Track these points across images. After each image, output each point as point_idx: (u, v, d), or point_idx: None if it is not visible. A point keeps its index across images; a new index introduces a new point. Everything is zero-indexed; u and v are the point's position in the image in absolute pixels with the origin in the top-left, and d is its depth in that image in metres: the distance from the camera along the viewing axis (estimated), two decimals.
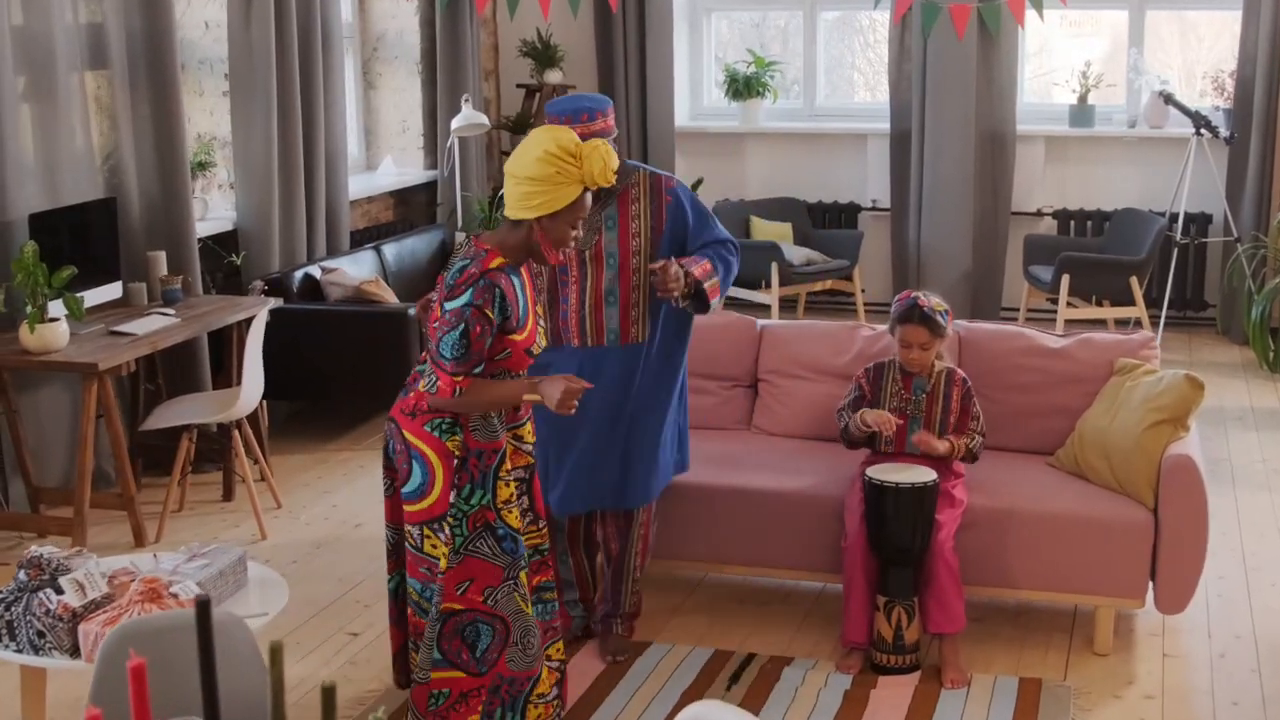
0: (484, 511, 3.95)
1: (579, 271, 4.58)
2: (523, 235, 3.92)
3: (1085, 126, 9.43)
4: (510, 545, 3.99)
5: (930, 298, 4.87)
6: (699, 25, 10.43)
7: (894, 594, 4.70)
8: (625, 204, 4.60)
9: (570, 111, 4.42)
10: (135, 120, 6.62)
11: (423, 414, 3.93)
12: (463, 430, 3.92)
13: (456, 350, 3.81)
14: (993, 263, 9.53)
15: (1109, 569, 4.81)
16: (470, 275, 3.85)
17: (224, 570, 4.09)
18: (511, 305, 3.88)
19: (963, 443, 4.85)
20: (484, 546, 3.96)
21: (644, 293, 4.61)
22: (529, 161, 3.84)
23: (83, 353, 5.65)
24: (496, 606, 3.98)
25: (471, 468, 3.93)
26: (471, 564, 3.96)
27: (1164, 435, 4.86)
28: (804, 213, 9.81)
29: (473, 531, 3.95)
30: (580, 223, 3.95)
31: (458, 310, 3.81)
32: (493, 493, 3.96)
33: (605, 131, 4.44)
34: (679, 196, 4.67)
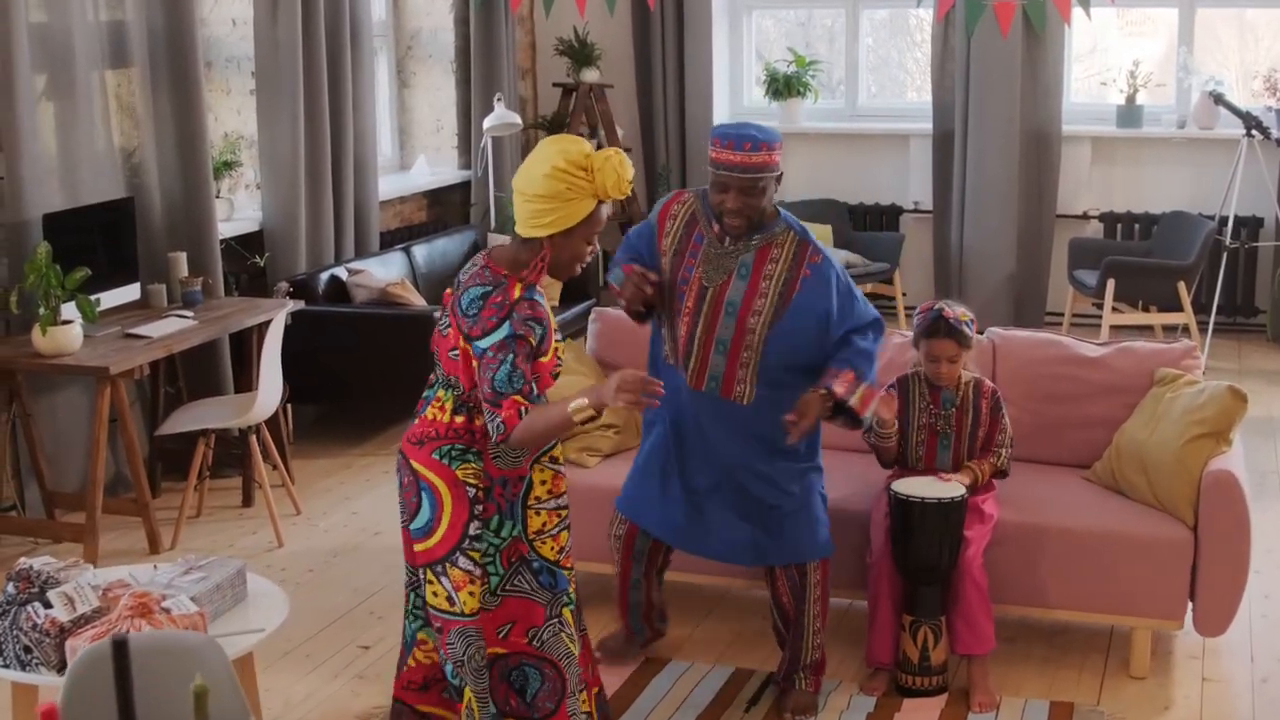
0: (516, 544, 3.76)
1: (695, 305, 4.28)
2: (535, 253, 3.66)
3: (1133, 127, 9.19)
4: (548, 579, 3.79)
5: (955, 307, 4.68)
6: (739, 23, 10.26)
7: (920, 613, 4.52)
8: (764, 260, 4.26)
9: (735, 137, 4.17)
10: (157, 119, 6.52)
11: (430, 441, 3.73)
12: (480, 458, 3.70)
13: (516, 381, 3.55)
14: (1037, 266, 9.31)
15: (1146, 588, 4.62)
16: (497, 305, 3.59)
17: (221, 584, 3.96)
18: (543, 327, 3.64)
19: (987, 466, 4.66)
20: (522, 583, 3.78)
21: (755, 355, 4.26)
22: (537, 177, 3.59)
23: (95, 356, 5.55)
24: (544, 649, 3.79)
25: (497, 497, 3.73)
26: (511, 605, 3.78)
27: (1205, 449, 4.66)
28: (844, 214, 9.63)
29: (508, 568, 3.77)
30: (595, 237, 3.70)
31: (500, 344, 3.55)
32: (523, 523, 3.77)
33: (767, 166, 4.17)
34: (821, 274, 4.29)
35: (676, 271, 4.31)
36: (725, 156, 4.18)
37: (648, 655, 4.85)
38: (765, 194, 4.21)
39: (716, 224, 4.29)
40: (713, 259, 4.28)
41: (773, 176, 4.21)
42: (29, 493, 6.04)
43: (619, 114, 9.96)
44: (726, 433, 4.34)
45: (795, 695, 4.51)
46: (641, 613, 4.80)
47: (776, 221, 4.30)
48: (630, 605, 4.78)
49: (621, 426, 5.32)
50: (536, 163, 3.61)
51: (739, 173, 4.16)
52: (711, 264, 4.28)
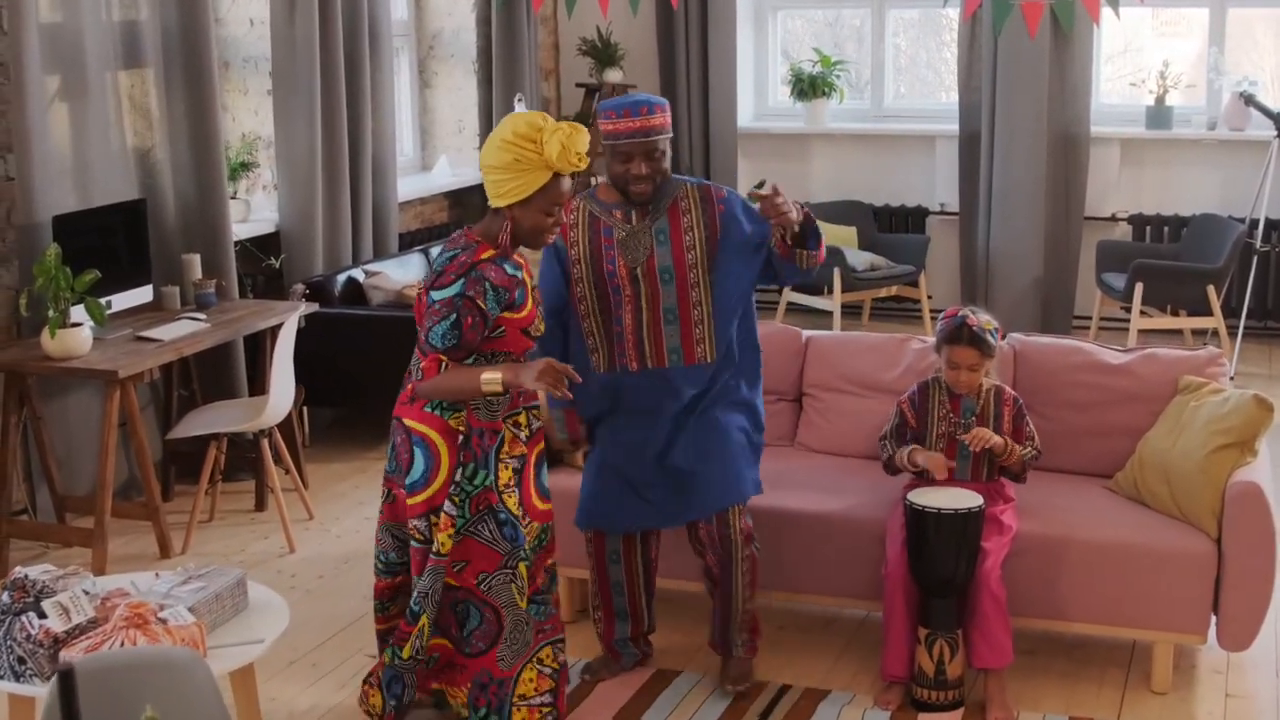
0: (487, 493, 3.92)
1: (632, 290, 4.36)
2: (500, 223, 3.88)
3: (1163, 128, 9.05)
4: (510, 532, 3.94)
5: (979, 315, 4.58)
6: (764, 23, 10.16)
7: (936, 626, 4.42)
8: (676, 217, 4.37)
9: (627, 105, 4.26)
10: (170, 120, 6.47)
11: (420, 398, 3.92)
12: (465, 407, 3.88)
13: (448, 339, 3.79)
14: (1065, 269, 9.18)
15: (1168, 602, 4.51)
16: (461, 264, 3.82)
17: (221, 593, 3.90)
18: (506, 290, 3.83)
19: (1016, 448, 4.55)
20: (484, 530, 3.93)
21: (706, 309, 4.38)
22: (492, 149, 3.82)
23: (105, 359, 5.50)
24: (490, 593, 3.95)
25: (475, 446, 3.90)
26: (470, 545, 3.94)
27: (1229, 460, 4.55)
28: (869, 216, 9.52)
29: (475, 514, 3.93)
30: (559, 210, 3.86)
31: (449, 300, 3.78)
32: (495, 474, 3.92)
33: (663, 128, 4.27)
34: (731, 204, 4.43)
35: (600, 270, 4.37)
36: (623, 125, 4.27)
37: (658, 667, 4.77)
38: (666, 156, 4.31)
39: (619, 209, 4.38)
40: (628, 241, 4.36)
41: (668, 137, 4.32)
42: (40, 496, 6.00)
43: None
44: (687, 403, 4.42)
45: (734, 664, 4.59)
46: (630, 630, 4.72)
47: (671, 182, 4.40)
48: (615, 619, 4.71)
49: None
50: (494, 136, 3.84)
51: (640, 138, 4.24)
52: (629, 246, 4.36)
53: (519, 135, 3.75)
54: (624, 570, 4.66)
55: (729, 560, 4.49)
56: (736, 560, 4.49)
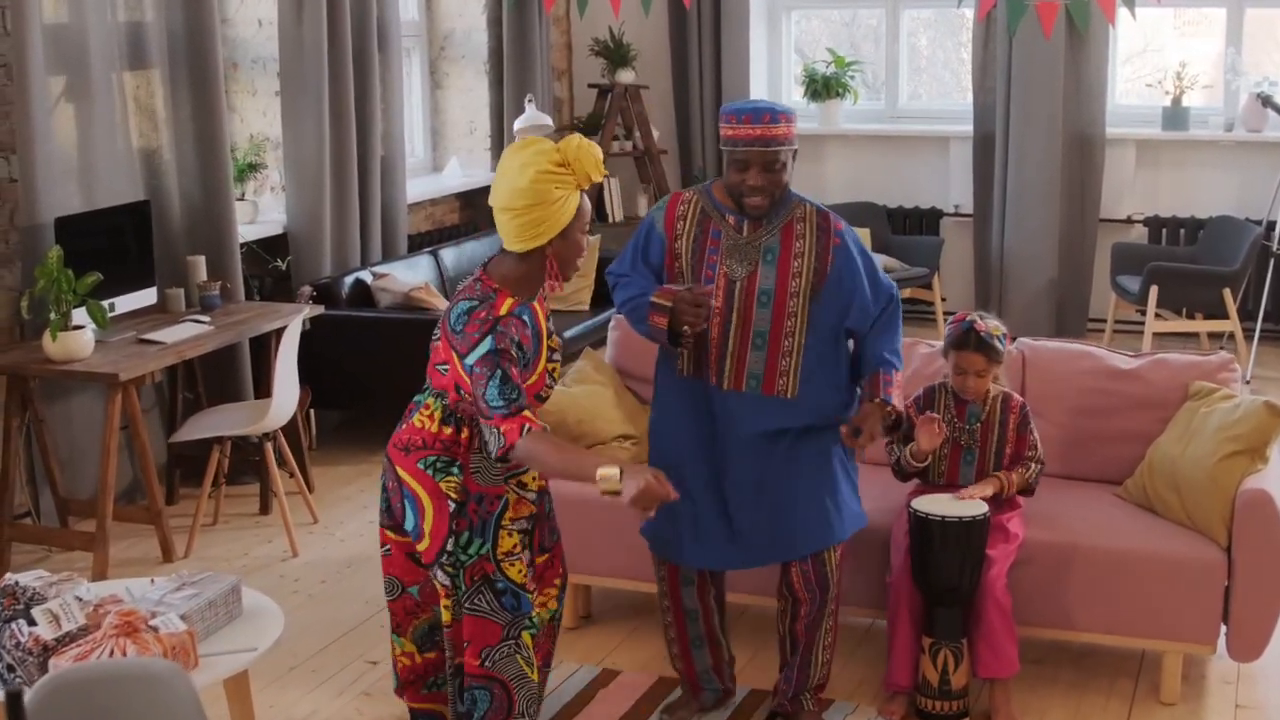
0: (482, 563, 3.68)
1: (725, 305, 4.06)
2: (534, 265, 3.63)
3: (1179, 129, 8.96)
4: (510, 601, 3.70)
5: (988, 320, 4.52)
6: (778, 23, 10.10)
7: (940, 635, 4.36)
8: (789, 238, 4.07)
9: (751, 111, 3.98)
10: (176, 121, 6.45)
11: (416, 450, 3.70)
12: (462, 471, 3.66)
13: (507, 393, 3.49)
14: (1080, 272, 9.10)
15: (1177, 611, 4.44)
16: (482, 320, 3.55)
17: (214, 600, 3.85)
18: (526, 347, 3.60)
19: (1015, 477, 4.49)
20: (482, 602, 3.69)
21: (798, 340, 4.08)
22: (523, 188, 3.53)
23: (106, 362, 5.47)
24: (494, 668, 3.70)
25: (471, 513, 3.67)
26: (468, 622, 3.71)
27: (1239, 467, 4.48)
28: (883, 218, 9.45)
29: (470, 586, 3.69)
30: (589, 225, 3.67)
31: (484, 359, 3.51)
32: (493, 543, 3.68)
33: (787, 138, 3.99)
34: (847, 241, 4.15)
35: (699, 272, 4.10)
36: (744, 132, 3.96)
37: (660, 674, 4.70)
38: (786, 169, 4.04)
39: (732, 215, 4.09)
40: (735, 251, 4.07)
41: (791, 150, 4.04)
42: (43, 500, 5.97)
43: (654, 115, 9.83)
44: (761, 431, 4.12)
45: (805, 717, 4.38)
46: (710, 659, 4.42)
47: (791, 198, 4.13)
48: (693, 649, 4.39)
49: (640, 438, 5.18)
50: (516, 175, 3.55)
51: (760, 146, 3.95)
52: (735, 257, 4.07)
53: (554, 163, 3.52)
54: (698, 593, 4.35)
55: (822, 606, 4.26)
56: (828, 607, 4.26)
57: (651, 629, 4.98)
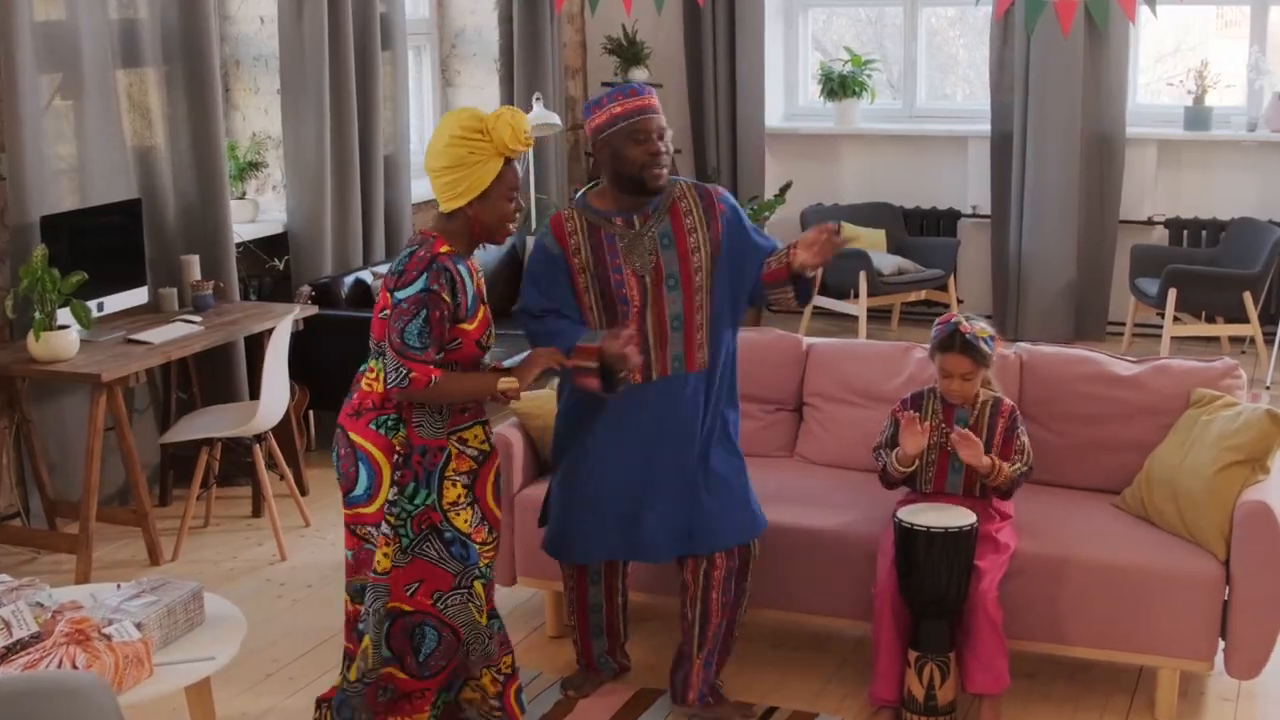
0: (429, 512, 3.81)
1: (640, 298, 4.13)
2: (460, 225, 3.79)
3: (1201, 130, 8.78)
4: (459, 550, 3.84)
5: (974, 323, 4.39)
6: (794, 21, 9.96)
7: (926, 649, 4.23)
8: (678, 218, 4.17)
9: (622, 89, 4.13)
10: (171, 119, 6.38)
11: (367, 412, 3.85)
12: (405, 425, 3.77)
13: (424, 338, 3.69)
14: (1099, 274, 8.93)
15: (1173, 626, 4.30)
16: (420, 259, 3.72)
17: (174, 607, 3.77)
18: (460, 293, 3.74)
19: (1004, 468, 4.34)
20: (430, 550, 3.82)
21: (708, 314, 4.18)
22: (439, 150, 3.72)
23: (90, 362, 5.40)
24: (447, 613, 3.85)
25: (415, 464, 3.79)
26: (419, 565, 3.84)
27: (1239, 478, 4.33)
28: (899, 219, 9.31)
29: (418, 534, 3.82)
30: (517, 195, 3.78)
31: (415, 297, 3.70)
32: (439, 493, 3.81)
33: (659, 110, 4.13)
34: (730, 205, 4.26)
35: (607, 281, 4.15)
36: (632, 104, 4.08)
37: (640, 686, 4.61)
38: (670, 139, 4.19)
39: (619, 216, 4.16)
40: (633, 248, 4.16)
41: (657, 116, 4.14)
42: (33, 501, 5.91)
43: (669, 114, 9.61)
44: (692, 410, 4.20)
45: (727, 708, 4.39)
46: (605, 643, 4.60)
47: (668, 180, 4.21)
48: (591, 633, 4.57)
49: None
50: (436, 138, 3.75)
51: (651, 114, 4.09)
52: (634, 252, 4.16)
53: (466, 129, 3.69)
54: (604, 591, 4.53)
55: (740, 596, 4.33)
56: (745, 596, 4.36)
57: (634, 640, 4.87)
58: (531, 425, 4.98)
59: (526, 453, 4.98)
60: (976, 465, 4.28)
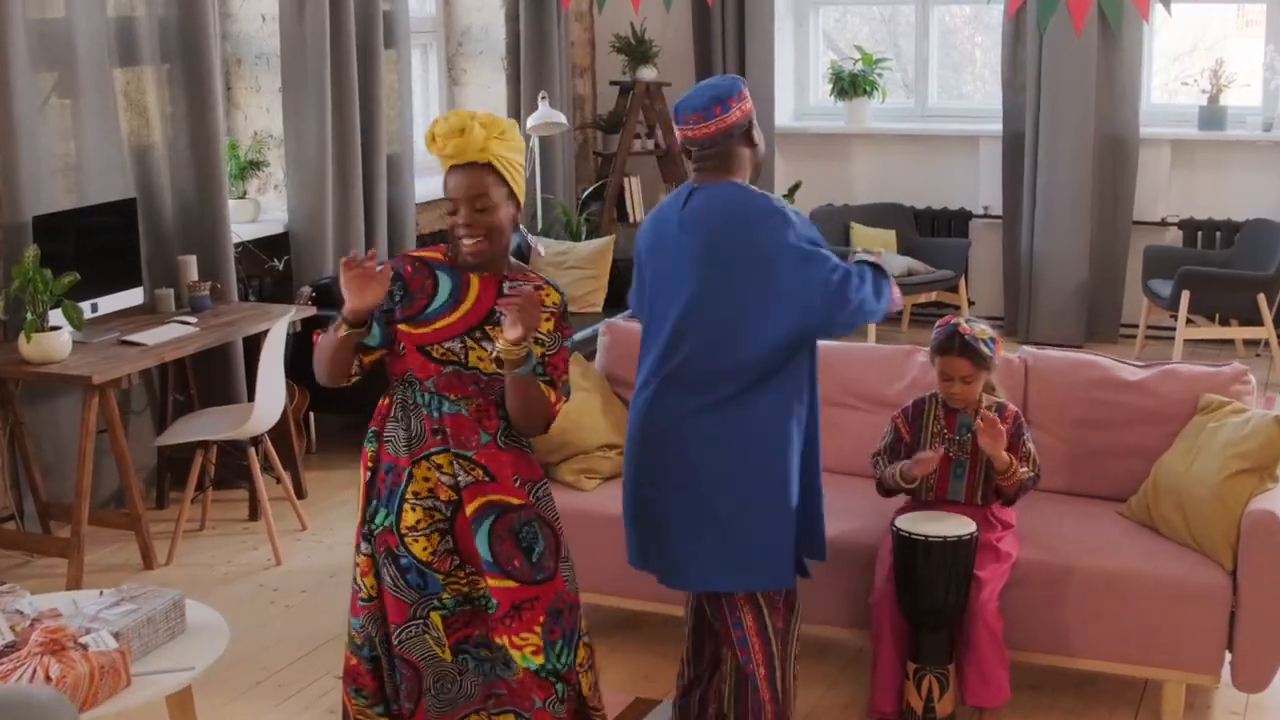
0: (386, 535, 3.55)
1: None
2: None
3: (1216, 129, 8.66)
4: (415, 579, 3.52)
5: (974, 324, 4.30)
6: (805, 19, 9.86)
7: (925, 660, 4.14)
8: None
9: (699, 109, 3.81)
10: (169, 118, 6.31)
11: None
12: (377, 439, 3.58)
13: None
14: (1112, 275, 8.82)
15: (1179, 638, 4.20)
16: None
17: (154, 616, 3.69)
18: (416, 293, 3.52)
19: (1019, 470, 4.23)
20: (386, 575, 3.54)
21: None
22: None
23: (82, 364, 5.33)
24: (404, 648, 3.54)
25: (379, 483, 3.57)
26: (387, 598, 3.57)
27: (1246, 486, 4.23)
28: (910, 219, 9.21)
29: (382, 556, 3.55)
30: (454, 206, 3.46)
31: None
32: (397, 515, 3.53)
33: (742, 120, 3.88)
34: None
35: None
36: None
37: (637, 695, 4.52)
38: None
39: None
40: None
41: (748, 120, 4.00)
42: (28, 504, 5.85)
43: None
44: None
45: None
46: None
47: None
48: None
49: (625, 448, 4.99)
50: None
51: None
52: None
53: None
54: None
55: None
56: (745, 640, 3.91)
57: (631, 647, 4.80)
58: None
59: None
60: (995, 457, 4.18)
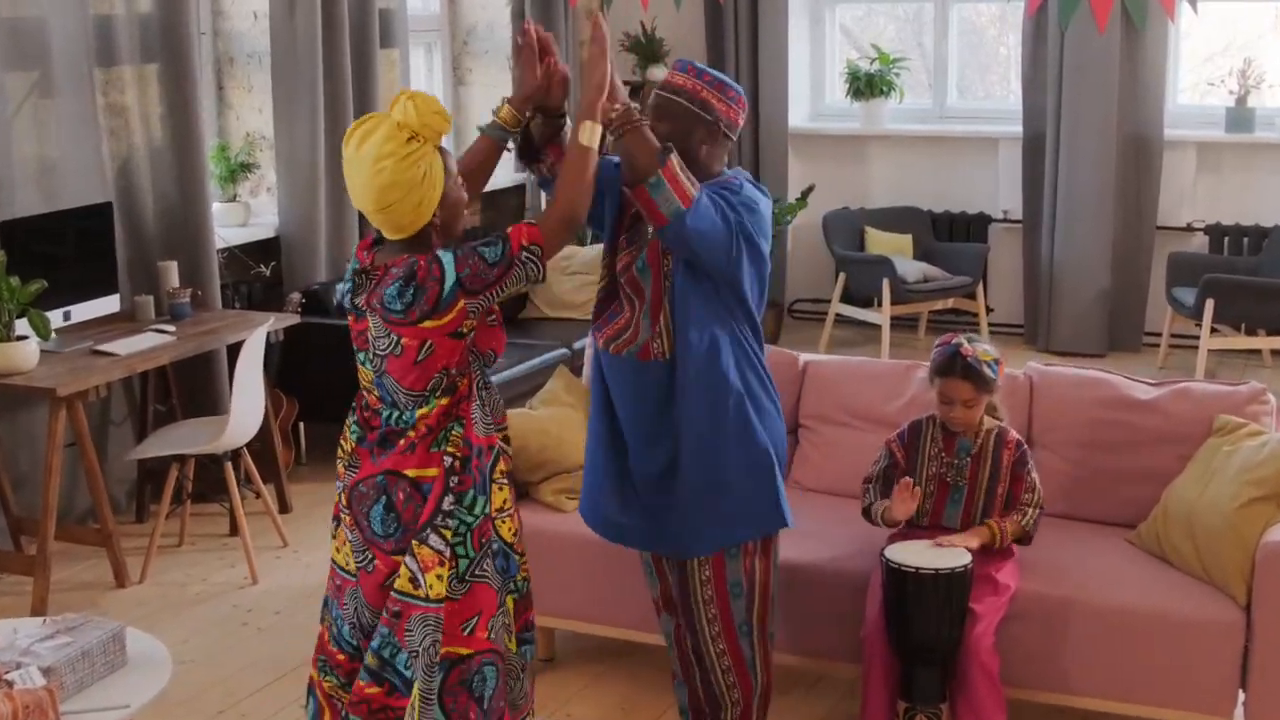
0: (485, 523, 3.32)
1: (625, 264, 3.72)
2: (424, 238, 3.29)
3: (1243, 131, 8.36)
4: (503, 563, 3.37)
5: (976, 345, 4.04)
6: (820, 18, 9.60)
7: (916, 698, 3.90)
8: None
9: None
10: (149, 119, 6.12)
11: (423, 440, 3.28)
12: (463, 424, 3.29)
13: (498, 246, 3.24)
14: (1135, 282, 8.54)
15: (1189, 676, 3.94)
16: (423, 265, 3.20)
17: (90, 650, 3.48)
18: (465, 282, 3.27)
19: (1010, 524, 4.00)
20: (488, 567, 3.33)
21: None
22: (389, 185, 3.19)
23: (48, 375, 5.13)
24: (496, 640, 3.34)
25: (474, 469, 3.30)
26: (477, 593, 3.31)
27: (1262, 515, 3.97)
28: (927, 223, 8.94)
29: (479, 550, 3.30)
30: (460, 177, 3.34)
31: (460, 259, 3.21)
32: (490, 498, 3.34)
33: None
34: None
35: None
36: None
37: None
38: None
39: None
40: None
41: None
42: None
43: None
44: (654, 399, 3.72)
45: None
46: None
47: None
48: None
49: None
50: (372, 173, 3.21)
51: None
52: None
53: (401, 144, 3.19)
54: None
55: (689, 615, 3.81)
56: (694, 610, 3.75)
57: (615, 675, 4.58)
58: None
59: None
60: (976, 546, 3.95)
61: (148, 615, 5.17)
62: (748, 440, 3.68)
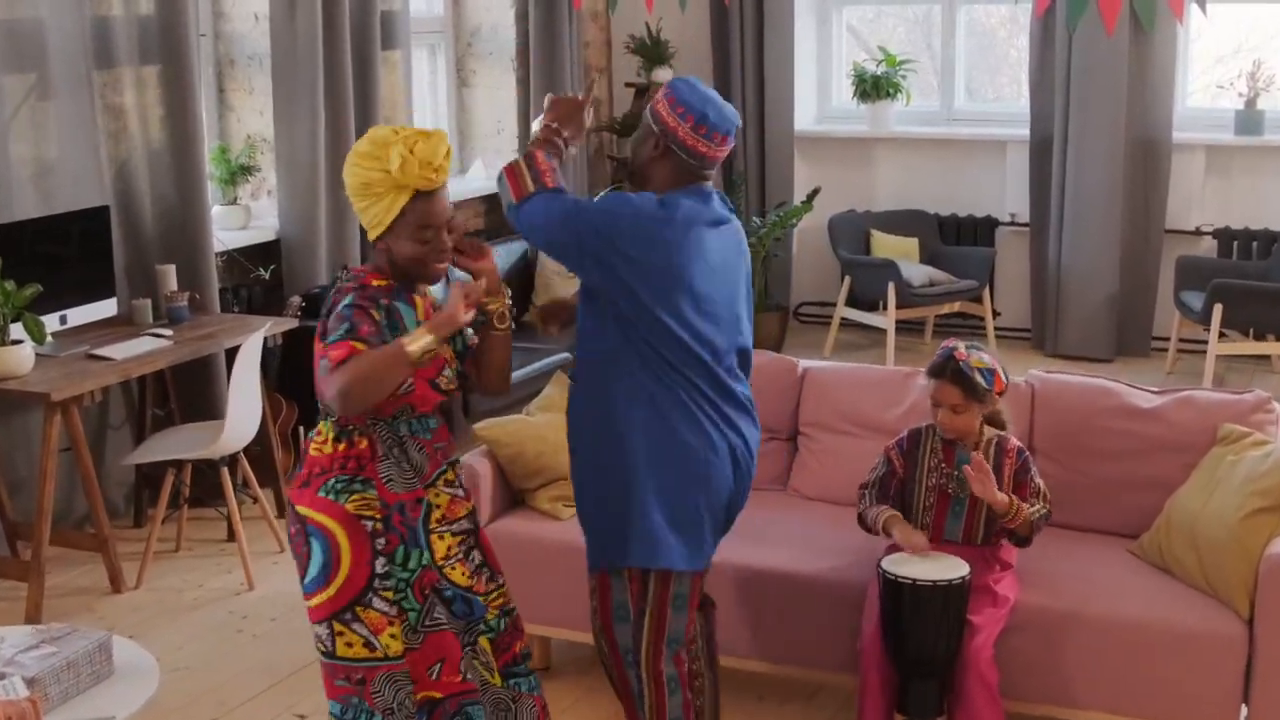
0: (426, 573, 3.33)
1: None
2: (384, 259, 3.32)
3: (1253, 134, 8.29)
4: (463, 608, 3.38)
5: (974, 351, 3.98)
6: (828, 20, 9.55)
7: (914, 712, 3.85)
8: None
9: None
10: (148, 122, 6.08)
11: (315, 479, 3.32)
12: (372, 485, 3.28)
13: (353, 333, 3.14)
14: (1143, 286, 8.47)
15: (1190, 690, 3.89)
16: (345, 290, 3.26)
17: (75, 660, 3.45)
18: (401, 327, 3.26)
19: (1024, 508, 3.92)
20: (440, 615, 3.35)
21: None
22: (346, 173, 3.29)
23: (42, 380, 5.09)
24: (474, 679, 3.39)
25: (397, 526, 3.30)
26: (433, 640, 3.35)
27: (1266, 527, 3.91)
28: (933, 227, 8.88)
29: (424, 602, 3.34)
30: (434, 233, 3.24)
31: (340, 314, 3.19)
32: (429, 549, 3.35)
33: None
34: None
35: None
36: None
37: None
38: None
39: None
40: None
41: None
42: None
43: None
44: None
45: None
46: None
47: None
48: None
49: None
50: (348, 169, 3.28)
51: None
52: None
53: (361, 155, 3.22)
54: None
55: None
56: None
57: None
58: (501, 454, 4.63)
59: (496, 483, 4.64)
60: (992, 502, 3.87)
61: (143, 621, 5.14)
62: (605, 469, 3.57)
